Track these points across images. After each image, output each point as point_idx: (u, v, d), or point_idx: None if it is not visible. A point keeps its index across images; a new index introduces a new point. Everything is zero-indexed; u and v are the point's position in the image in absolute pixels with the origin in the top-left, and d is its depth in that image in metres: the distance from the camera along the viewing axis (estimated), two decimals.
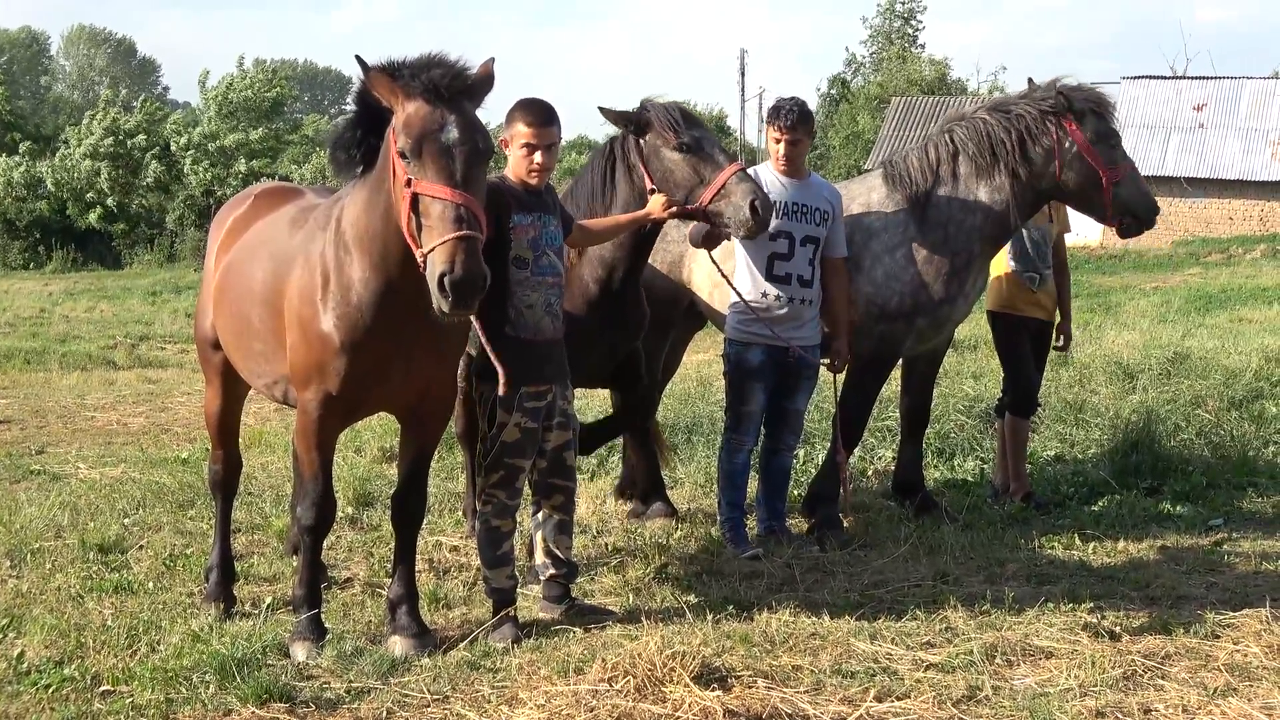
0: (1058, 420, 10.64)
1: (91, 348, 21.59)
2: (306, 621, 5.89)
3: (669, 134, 6.67)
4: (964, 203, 7.88)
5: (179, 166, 54.32)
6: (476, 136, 5.25)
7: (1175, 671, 5.46)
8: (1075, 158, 7.75)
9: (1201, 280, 31.10)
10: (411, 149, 5.14)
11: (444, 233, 5.01)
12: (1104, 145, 7.77)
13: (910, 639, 5.83)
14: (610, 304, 6.93)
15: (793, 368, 7.59)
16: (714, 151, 6.69)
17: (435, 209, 5.06)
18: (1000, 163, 7.82)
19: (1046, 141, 7.77)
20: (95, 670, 5.57)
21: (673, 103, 6.85)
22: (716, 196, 6.56)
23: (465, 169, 5.16)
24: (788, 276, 7.50)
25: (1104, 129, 7.81)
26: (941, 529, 7.97)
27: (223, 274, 6.59)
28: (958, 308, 8.05)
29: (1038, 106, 7.83)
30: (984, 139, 7.85)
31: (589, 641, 5.83)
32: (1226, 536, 7.91)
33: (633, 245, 6.88)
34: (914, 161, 7.99)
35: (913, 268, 7.84)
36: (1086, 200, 7.88)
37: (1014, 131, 7.81)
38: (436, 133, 5.15)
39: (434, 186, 5.08)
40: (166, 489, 9.38)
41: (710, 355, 15.30)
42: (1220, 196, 45.70)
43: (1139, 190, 7.84)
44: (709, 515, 8.45)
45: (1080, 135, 7.73)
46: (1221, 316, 21.13)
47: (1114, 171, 7.73)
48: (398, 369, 5.71)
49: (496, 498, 6.24)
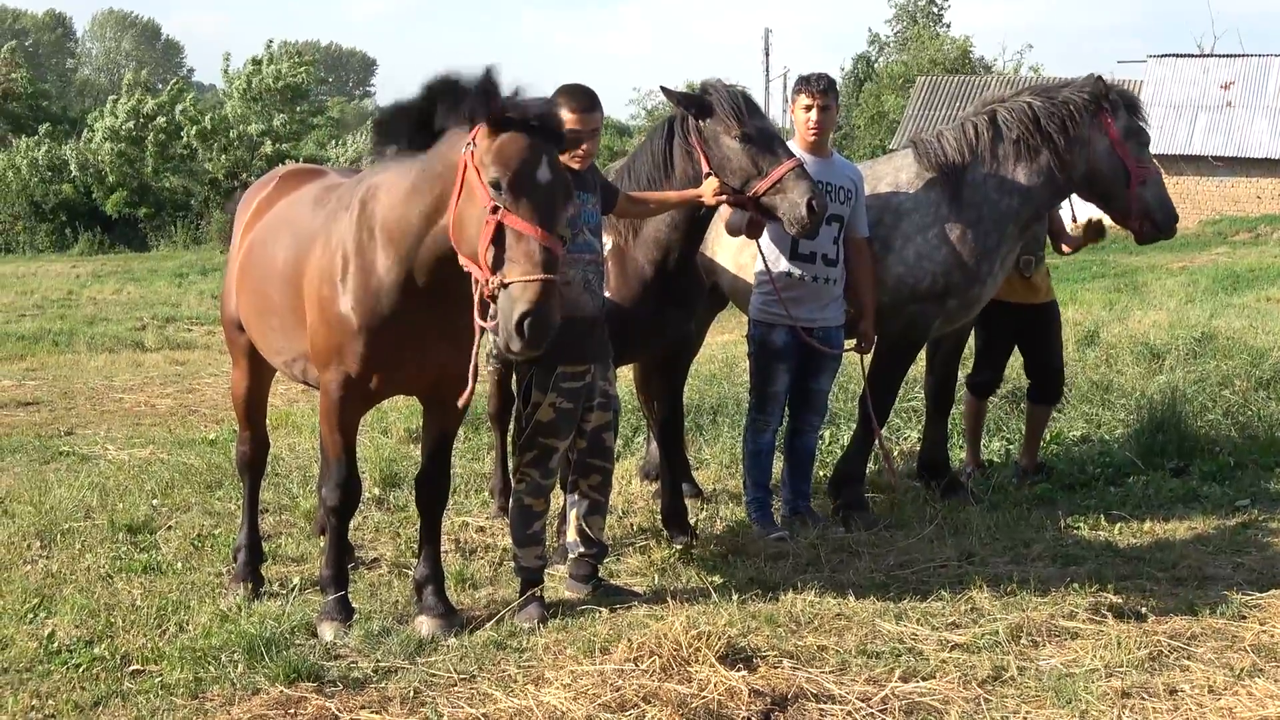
0: (1084, 400, 10.60)
1: (119, 329, 21.64)
2: (334, 602, 5.93)
3: (731, 122, 6.62)
4: (1001, 184, 7.82)
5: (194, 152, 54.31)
6: (567, 179, 5.32)
7: (1201, 652, 5.45)
8: (1107, 151, 7.71)
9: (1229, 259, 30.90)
10: (508, 182, 5.10)
11: (530, 272, 5.00)
12: (1134, 143, 7.74)
13: (935, 619, 5.83)
14: (665, 284, 6.93)
15: (816, 348, 7.57)
16: (774, 145, 6.64)
17: (524, 246, 5.04)
18: (1045, 146, 7.77)
19: (1084, 131, 7.74)
20: (125, 650, 5.63)
21: (737, 88, 6.79)
22: (772, 190, 6.53)
23: (554, 209, 5.17)
24: (812, 255, 7.47)
25: (1135, 126, 7.79)
26: (967, 509, 7.96)
27: (246, 253, 6.63)
28: (987, 289, 8.01)
29: (1080, 95, 7.80)
30: (1030, 121, 7.79)
31: (615, 621, 5.84)
32: (1253, 517, 7.88)
33: (687, 227, 6.87)
34: (950, 140, 7.93)
35: (945, 248, 7.80)
36: (1111, 197, 7.82)
37: (1058, 117, 7.76)
38: (533, 169, 5.15)
39: (525, 224, 5.06)
40: (194, 470, 9.43)
41: (734, 336, 15.28)
42: (1248, 175, 45.34)
43: (1162, 196, 7.80)
44: (734, 496, 8.46)
45: (1115, 129, 7.71)
46: (1249, 296, 20.97)
47: (1142, 171, 7.71)
48: (413, 355, 5.73)
49: (530, 476, 6.26)
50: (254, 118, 54.34)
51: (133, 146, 54.29)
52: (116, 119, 54.44)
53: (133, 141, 54.35)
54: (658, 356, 7.36)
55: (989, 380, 9.05)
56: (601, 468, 6.48)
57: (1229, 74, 47.53)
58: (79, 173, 53.96)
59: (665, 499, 7.58)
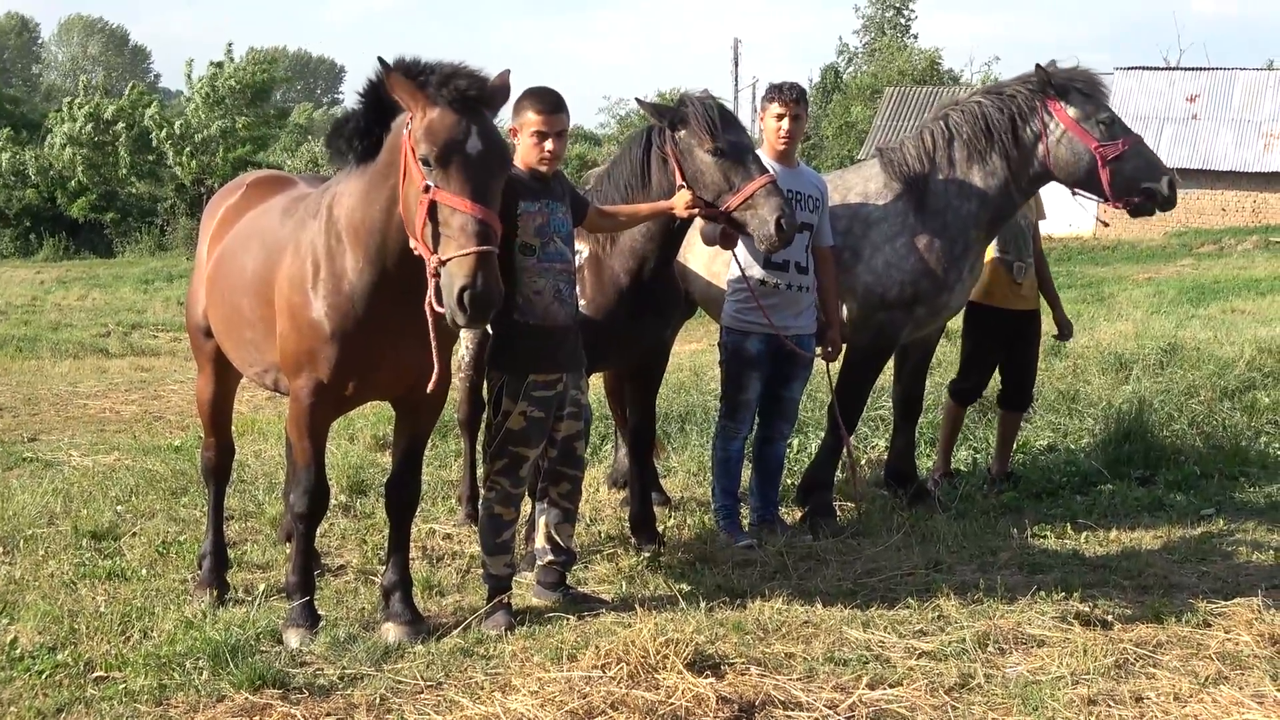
0: (1051, 410, 10.66)
1: (84, 335, 21.55)
2: (300, 608, 5.90)
3: (705, 135, 6.60)
4: (960, 188, 7.84)
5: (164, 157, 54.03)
6: (499, 148, 5.29)
7: (1167, 660, 5.47)
8: (1063, 137, 7.67)
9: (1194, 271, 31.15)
10: (436, 157, 5.12)
11: (464, 245, 5.01)
12: (1093, 122, 7.64)
13: (903, 627, 5.84)
14: (641, 293, 6.93)
15: (789, 356, 7.58)
16: (747, 159, 6.61)
17: (456, 220, 5.06)
18: (994, 146, 7.78)
19: (1035, 123, 7.72)
20: (88, 656, 5.57)
21: (713, 101, 6.76)
22: (743, 205, 6.51)
23: (487, 182, 5.17)
24: (785, 263, 7.48)
25: (1092, 106, 7.69)
26: (934, 518, 7.98)
27: (215, 263, 6.59)
28: (955, 295, 8.03)
29: (1024, 87, 7.80)
30: (978, 122, 7.80)
31: (582, 629, 5.83)
32: (1218, 526, 7.93)
33: (663, 238, 6.87)
34: (910, 149, 7.96)
35: (913, 256, 7.81)
36: (1084, 181, 7.74)
37: (1006, 112, 7.77)
38: (461, 143, 5.15)
39: (456, 198, 5.07)
40: (159, 476, 9.37)
41: (702, 345, 15.31)
42: (1213, 188, 45.67)
43: (1145, 164, 7.62)
44: (702, 504, 8.45)
45: (1066, 114, 7.67)
46: (1214, 307, 21.13)
47: (1109, 148, 7.60)
48: (388, 358, 5.71)
49: (500, 485, 6.24)
50: (215, 121, 54.08)
51: (96, 151, 53.97)
52: (75, 123, 54.10)
53: (95, 146, 54.03)
54: (633, 365, 7.36)
55: (974, 387, 9.05)
56: (572, 476, 6.47)
57: (1194, 87, 47.92)
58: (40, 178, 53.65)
59: (634, 507, 7.57)
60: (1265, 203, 45.23)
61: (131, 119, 54.50)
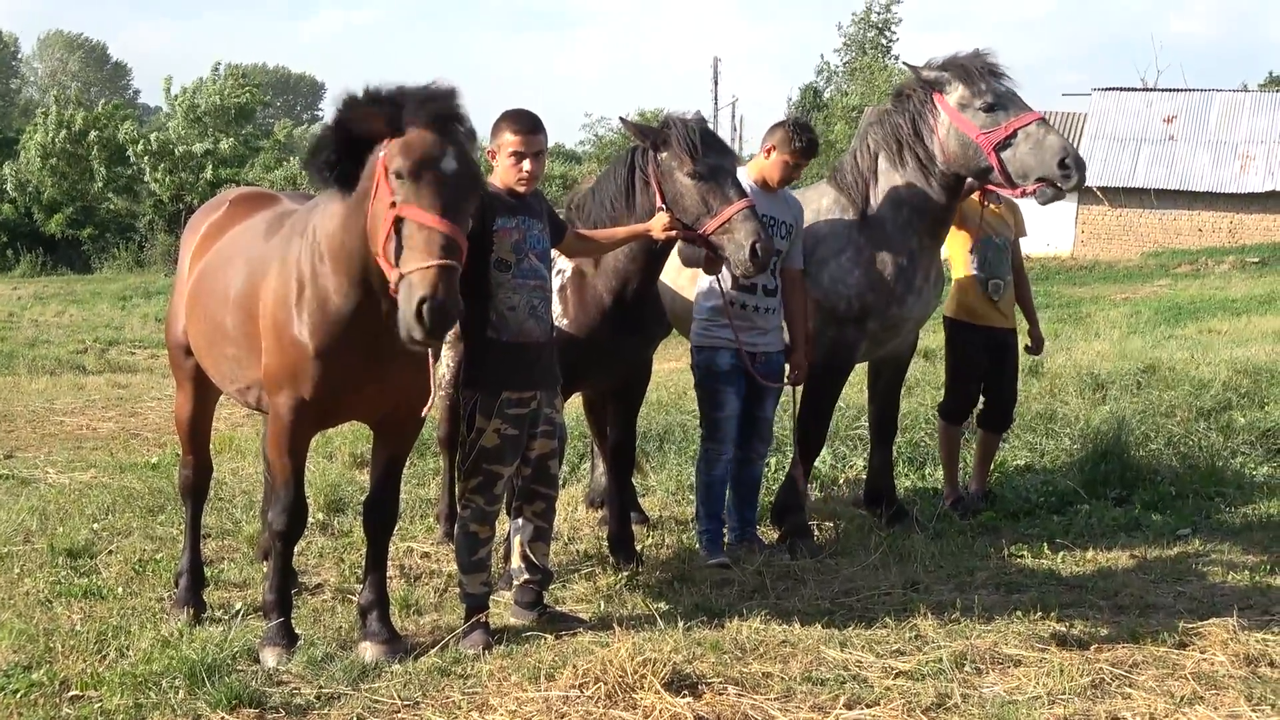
0: (1028, 430, 10.69)
1: (61, 352, 21.44)
2: (277, 627, 5.88)
3: (685, 158, 6.61)
4: (891, 197, 7.86)
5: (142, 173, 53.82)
6: (472, 168, 5.30)
7: (1143, 680, 5.48)
8: (950, 129, 7.61)
9: (1171, 291, 31.27)
10: (409, 171, 5.13)
11: (427, 258, 5.01)
12: (976, 109, 7.51)
13: (880, 647, 5.84)
14: (624, 312, 6.94)
15: (759, 374, 7.59)
16: (725, 183, 6.60)
17: (421, 235, 5.06)
18: (906, 150, 7.78)
19: (930, 119, 7.71)
20: (64, 675, 5.54)
21: (697, 121, 6.77)
22: (720, 229, 6.52)
23: (456, 201, 5.18)
24: (753, 286, 7.49)
25: (971, 91, 7.54)
26: (912, 537, 8.00)
27: (197, 280, 6.57)
28: (909, 308, 8.00)
29: (911, 87, 7.82)
30: (888, 129, 7.85)
31: (560, 648, 5.82)
32: (1195, 546, 7.96)
33: (646, 257, 6.88)
34: (847, 164, 8.03)
35: (857, 270, 7.83)
36: (982, 173, 7.64)
37: (907, 115, 7.78)
38: (436, 160, 5.17)
39: (424, 213, 5.08)
40: (136, 494, 9.34)
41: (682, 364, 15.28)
42: (1190, 208, 45.87)
43: (1037, 144, 7.38)
44: (680, 523, 8.46)
45: (948, 104, 7.62)
46: (1191, 328, 21.23)
47: (993, 133, 7.44)
48: (372, 378, 5.70)
49: (475, 503, 6.23)
50: (196, 138, 53.90)
51: (69, 165, 53.76)
52: (47, 134, 53.90)
53: (70, 160, 53.82)
54: (615, 383, 7.36)
55: (963, 406, 9.03)
56: (546, 494, 6.46)
57: (1171, 108, 48.15)
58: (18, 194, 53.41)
59: (613, 525, 7.57)
60: (1241, 223, 45.43)
61: (105, 131, 54.29)
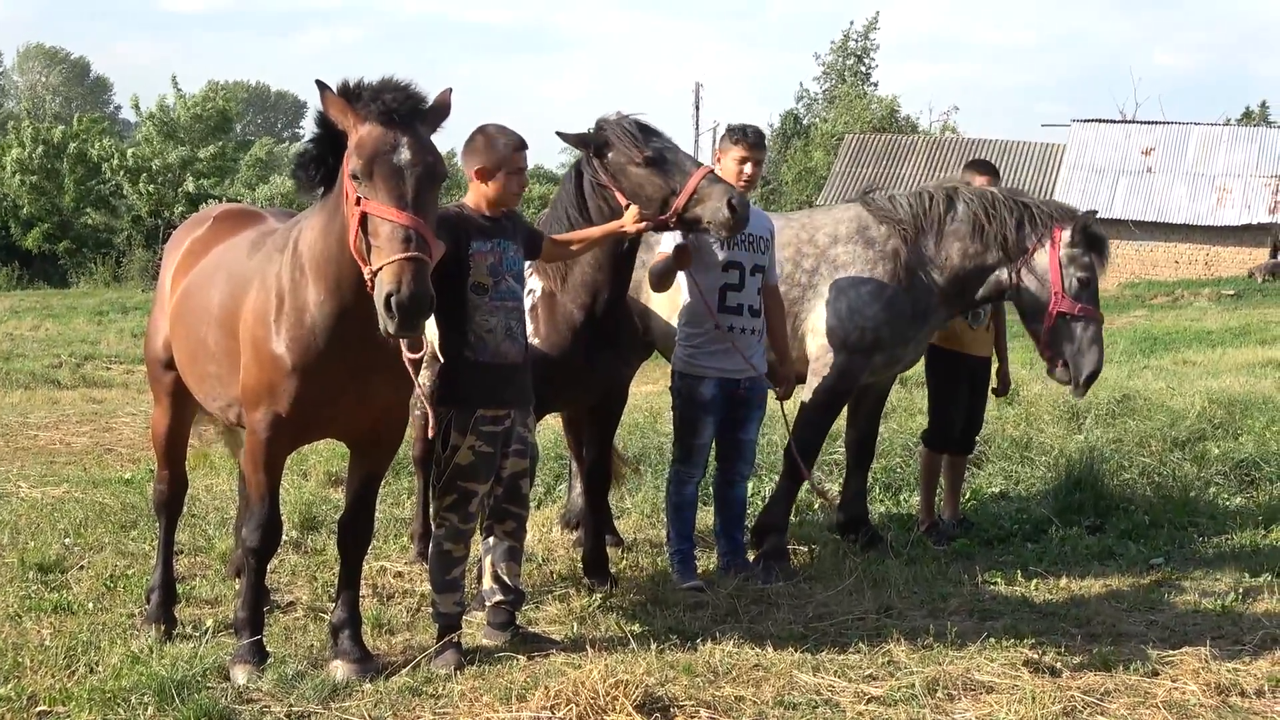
0: (1003, 457, 10.71)
1: (35, 366, 21.31)
2: (248, 645, 5.86)
3: (632, 151, 6.65)
4: (940, 257, 7.93)
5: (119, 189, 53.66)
6: (429, 159, 5.27)
7: (1115, 708, 5.50)
8: (1040, 264, 7.75)
9: (1147, 322, 31.38)
10: (363, 169, 5.16)
11: (392, 253, 5.03)
12: (1072, 272, 7.69)
13: (853, 672, 5.84)
14: (595, 328, 6.93)
15: (743, 398, 7.60)
16: (680, 158, 6.67)
17: (384, 230, 5.08)
18: (992, 235, 7.82)
19: (1035, 239, 7.77)
20: (32, 690, 5.50)
21: (627, 116, 6.82)
22: (691, 202, 6.55)
23: (416, 191, 5.18)
24: (739, 307, 7.51)
25: (1084, 260, 7.71)
26: (886, 563, 8.00)
27: (180, 296, 6.55)
28: (911, 350, 8.16)
29: (1044, 207, 7.90)
30: (987, 207, 7.87)
31: (532, 669, 5.80)
32: (1167, 575, 7.98)
33: (612, 267, 6.88)
34: (904, 202, 8.03)
35: (877, 304, 7.89)
36: (1027, 314, 7.91)
37: (1016, 215, 7.83)
38: (389, 154, 5.18)
39: (383, 208, 5.10)
40: (109, 509, 9.30)
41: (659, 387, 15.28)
42: (1167, 240, 46.21)
43: (1085, 340, 7.74)
44: (655, 545, 8.45)
45: (1060, 249, 7.72)
46: (1166, 359, 21.28)
47: (1066, 303, 7.68)
48: (349, 394, 5.69)
49: (449, 521, 6.21)
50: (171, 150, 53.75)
51: (47, 180, 53.62)
52: (24, 148, 53.75)
53: (47, 175, 53.68)
54: (591, 402, 7.36)
55: (946, 432, 9.03)
56: (517, 514, 6.45)
57: (1150, 140, 48.53)
58: None
59: (588, 546, 7.56)
60: (1218, 256, 45.77)
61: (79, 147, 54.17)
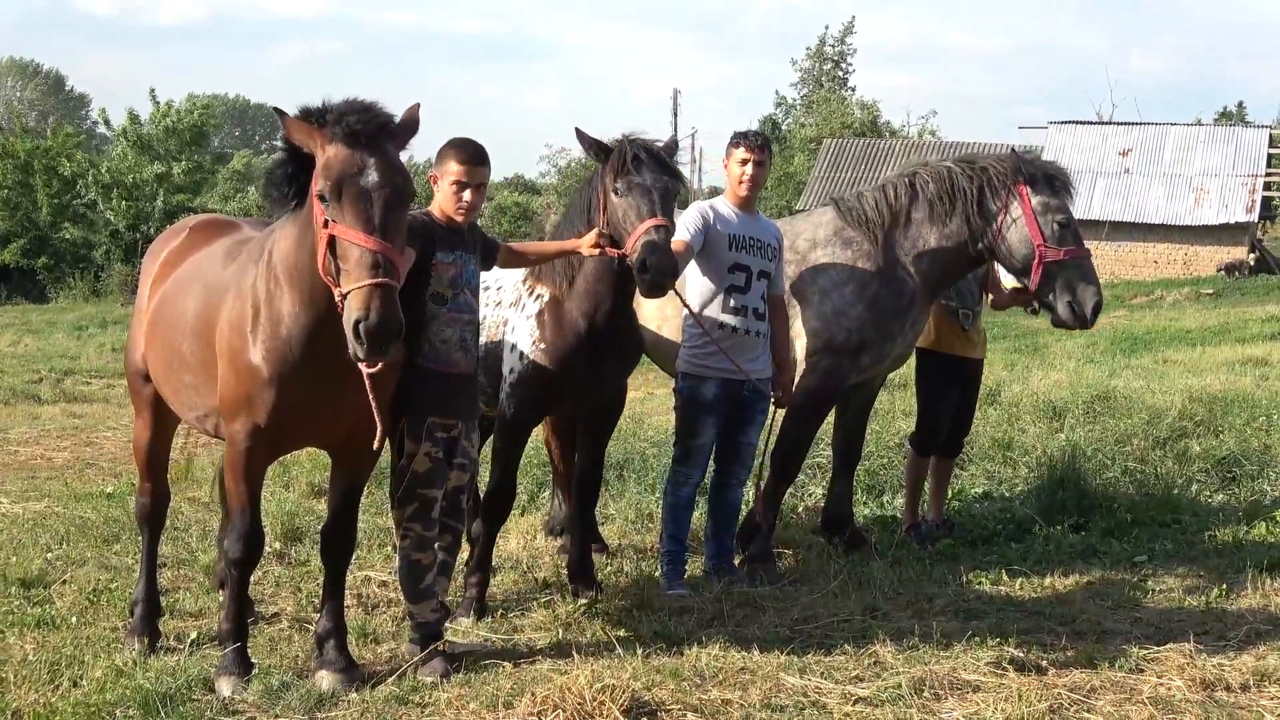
0: (986, 458, 10.73)
1: (15, 381, 21.21)
2: (232, 656, 5.83)
3: (608, 177, 6.68)
4: (914, 244, 7.98)
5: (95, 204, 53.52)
6: (397, 180, 5.25)
7: (1100, 705, 5.51)
8: (1017, 222, 7.78)
9: (1127, 322, 31.45)
10: (330, 191, 5.14)
11: (360, 279, 5.02)
12: (1049, 219, 7.73)
13: (839, 673, 5.84)
14: (598, 336, 6.92)
15: (746, 400, 7.61)
16: (640, 201, 6.58)
17: (353, 254, 5.07)
18: (957, 210, 7.89)
19: (998, 201, 7.83)
20: (16, 706, 5.49)
21: (640, 141, 6.77)
22: (634, 248, 6.52)
23: (384, 214, 5.16)
24: (743, 309, 7.52)
25: (1056, 203, 7.79)
26: (871, 565, 8.00)
27: (156, 306, 6.54)
28: (898, 345, 8.14)
29: (998, 164, 7.92)
30: (945, 184, 7.92)
31: (519, 675, 5.79)
32: (1150, 572, 7.99)
33: (614, 280, 6.85)
34: (870, 199, 8.07)
35: (860, 304, 7.90)
36: (1018, 269, 7.92)
37: (976, 182, 7.88)
38: (355, 176, 5.16)
39: (351, 232, 5.09)
40: (91, 523, 9.27)
41: (642, 393, 15.32)
42: (1145, 240, 46.40)
43: (1078, 281, 7.74)
44: (640, 551, 8.45)
45: (1029, 201, 7.77)
46: (1146, 358, 21.31)
47: (1052, 250, 7.71)
48: (326, 403, 5.68)
49: (413, 530, 6.18)
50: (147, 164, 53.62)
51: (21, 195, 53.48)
52: None
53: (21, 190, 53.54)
54: (593, 407, 7.35)
55: (934, 436, 9.03)
56: (454, 528, 6.42)
57: (1127, 141, 48.72)
58: None
59: (574, 552, 7.55)
60: (1196, 255, 45.94)
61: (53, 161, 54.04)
